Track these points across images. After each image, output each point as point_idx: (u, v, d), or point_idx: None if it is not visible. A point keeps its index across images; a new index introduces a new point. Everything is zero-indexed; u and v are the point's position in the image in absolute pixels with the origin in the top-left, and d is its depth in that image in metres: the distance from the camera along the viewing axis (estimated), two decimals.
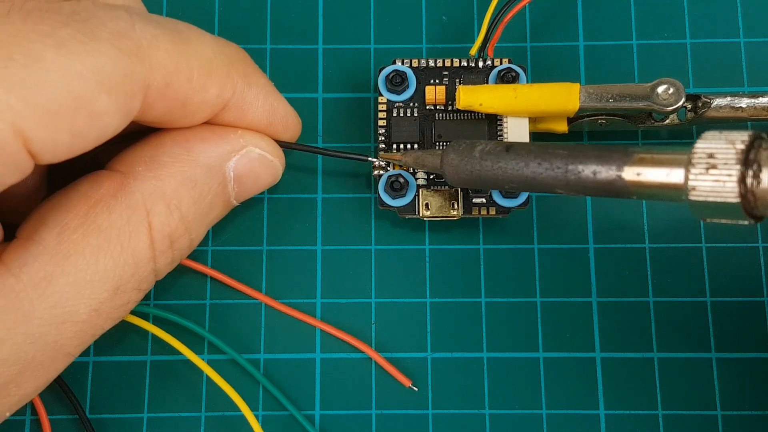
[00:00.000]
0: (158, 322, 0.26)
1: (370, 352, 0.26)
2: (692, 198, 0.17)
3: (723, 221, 0.17)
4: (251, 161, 0.23)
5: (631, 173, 0.18)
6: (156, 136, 0.22)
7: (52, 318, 0.20)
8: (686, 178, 0.17)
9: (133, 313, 0.25)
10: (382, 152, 0.26)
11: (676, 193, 0.18)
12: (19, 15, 0.18)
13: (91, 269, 0.20)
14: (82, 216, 0.20)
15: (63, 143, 0.18)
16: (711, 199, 0.17)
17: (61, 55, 0.17)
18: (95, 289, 0.20)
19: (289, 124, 0.24)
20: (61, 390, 0.25)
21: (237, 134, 0.23)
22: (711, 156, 0.17)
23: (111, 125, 0.19)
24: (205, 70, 0.21)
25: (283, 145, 0.25)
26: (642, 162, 0.18)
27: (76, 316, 0.20)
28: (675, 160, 0.18)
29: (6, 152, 0.17)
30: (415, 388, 0.26)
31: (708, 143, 0.17)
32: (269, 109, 0.23)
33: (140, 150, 0.22)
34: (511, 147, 0.21)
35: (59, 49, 0.17)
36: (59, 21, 0.18)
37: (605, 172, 0.19)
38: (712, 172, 0.17)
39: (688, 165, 0.17)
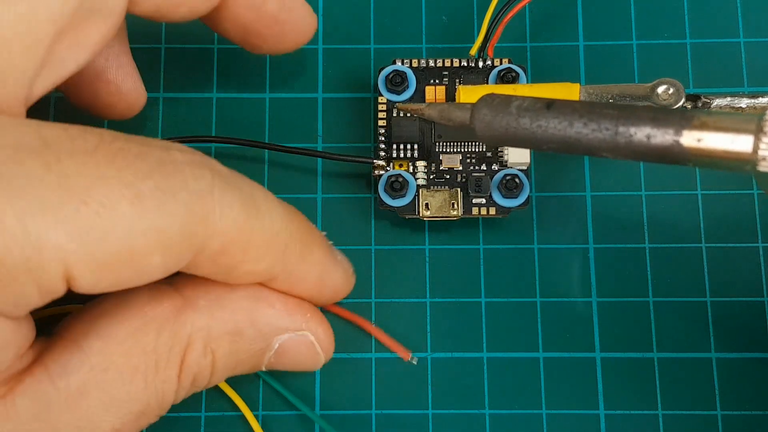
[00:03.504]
0: None
1: (369, 326, 0.25)
2: (761, 169, 0.16)
3: None
4: (300, 344, 0.22)
5: (690, 138, 0.17)
6: (233, 279, 0.21)
7: (75, 429, 0.19)
8: (756, 147, 0.16)
9: None
10: (401, 104, 0.25)
11: (741, 163, 0.16)
12: (105, 155, 0.17)
13: (125, 389, 0.19)
14: (132, 331, 0.20)
15: (103, 287, 0.17)
16: None
17: (135, 211, 0.17)
18: (122, 409, 0.20)
19: (339, 291, 0.24)
20: None
21: (305, 316, 0.22)
22: None
23: (151, 278, 0.18)
24: (264, 246, 0.20)
25: (284, 149, 0.25)
26: (704, 126, 0.17)
27: (99, 430, 0.20)
28: (742, 126, 0.16)
29: (48, 290, 0.17)
30: (414, 361, 0.25)
31: None
32: (320, 283, 0.22)
33: (212, 284, 0.21)
34: (553, 104, 0.19)
35: (135, 203, 0.17)
36: (143, 171, 0.17)
37: (661, 137, 0.17)
38: None
39: (758, 132, 0.16)
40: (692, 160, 0.17)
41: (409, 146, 0.26)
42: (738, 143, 0.16)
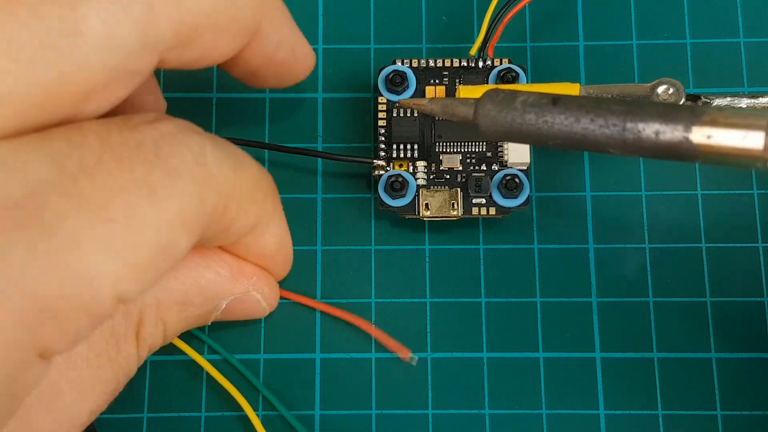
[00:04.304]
0: None
1: (368, 327, 0.25)
2: None
3: None
4: (246, 302, 0.24)
5: (700, 135, 0.16)
6: None
7: (60, 427, 0.20)
8: (767, 144, 0.16)
9: None
10: (403, 99, 0.25)
11: (752, 160, 0.16)
12: (112, 158, 0.17)
13: (94, 375, 0.20)
14: None
15: (146, 289, 0.17)
16: None
17: (154, 207, 0.17)
18: (96, 394, 0.21)
19: (288, 263, 0.25)
20: None
21: (251, 280, 0.23)
22: None
23: (180, 259, 0.18)
24: (250, 194, 0.20)
25: (284, 149, 0.25)
26: (714, 122, 0.16)
27: (78, 420, 0.20)
28: (753, 123, 0.16)
29: (101, 316, 0.17)
30: (414, 362, 0.26)
31: None
32: (279, 244, 0.23)
33: None
34: (559, 99, 0.19)
35: (152, 199, 0.17)
36: (148, 161, 0.17)
37: (670, 133, 0.17)
38: None
39: None
40: (701, 157, 0.17)
41: (409, 146, 0.26)
42: (749, 140, 0.16)
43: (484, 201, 0.26)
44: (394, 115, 0.26)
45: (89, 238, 0.16)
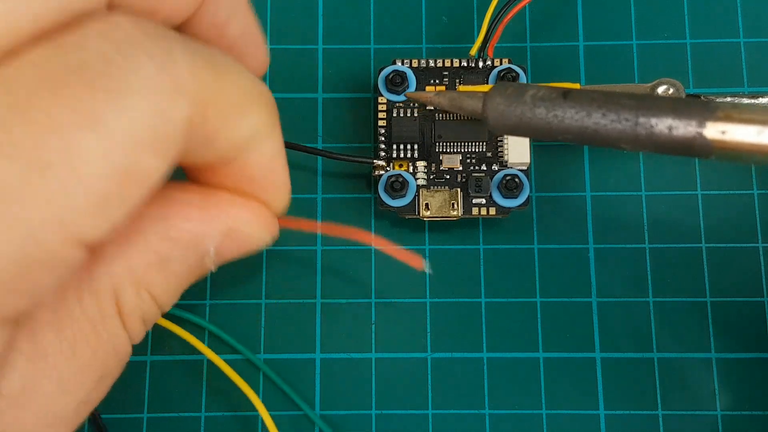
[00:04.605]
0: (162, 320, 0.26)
1: (373, 241, 0.23)
2: None
3: None
4: (236, 240, 0.21)
5: (714, 131, 0.16)
6: None
7: (42, 423, 0.18)
8: None
9: None
10: (409, 93, 0.24)
11: (766, 157, 0.16)
12: (48, 93, 0.15)
13: (73, 365, 0.18)
14: (52, 311, 0.18)
15: (116, 221, 0.16)
16: None
17: (99, 136, 0.15)
18: (80, 382, 0.19)
19: (283, 190, 0.21)
20: None
21: (228, 214, 0.20)
22: None
23: (160, 177, 0.16)
24: (237, 103, 0.18)
25: (286, 145, 0.24)
26: (728, 118, 0.16)
27: (65, 413, 0.19)
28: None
29: (66, 266, 0.15)
30: (428, 269, 0.25)
31: None
32: (271, 166, 0.20)
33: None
34: (569, 94, 0.19)
35: (95, 128, 0.15)
36: (91, 84, 0.15)
37: (683, 128, 0.17)
38: None
39: None
40: (715, 153, 0.17)
41: (409, 146, 0.26)
42: (764, 136, 0.16)
43: (484, 201, 0.26)
44: (394, 115, 0.26)
45: (26, 192, 0.14)
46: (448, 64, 0.26)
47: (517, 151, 0.26)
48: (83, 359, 0.19)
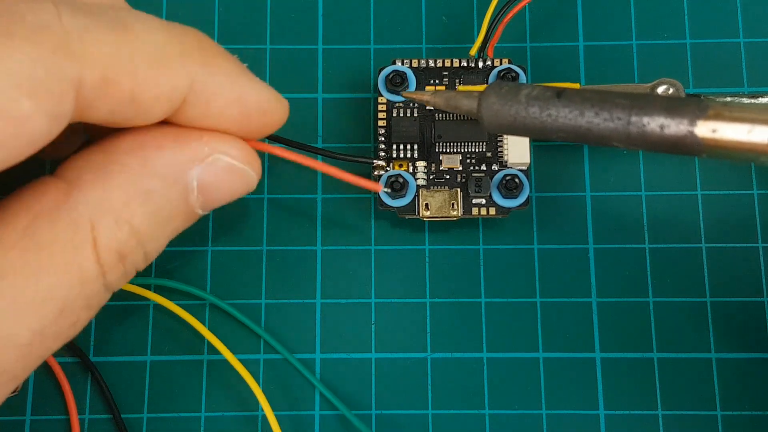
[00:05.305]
0: (162, 319, 0.26)
1: (317, 164, 0.23)
2: None
3: None
4: (218, 170, 0.21)
5: (705, 129, 0.17)
6: (109, 141, 0.20)
7: None
8: None
9: (137, 310, 0.25)
10: (405, 92, 0.25)
11: (757, 154, 0.16)
12: None
13: (31, 289, 0.18)
14: (21, 230, 0.18)
15: None
16: None
17: None
18: (37, 310, 0.18)
19: (268, 110, 0.21)
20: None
21: (201, 140, 0.20)
22: None
23: (39, 131, 0.17)
24: (154, 61, 0.18)
25: (281, 140, 0.24)
26: (719, 117, 0.16)
27: (18, 339, 0.18)
28: (759, 117, 0.16)
29: None
30: (386, 190, 0.25)
31: None
32: (238, 96, 0.20)
33: (91, 156, 0.20)
34: (563, 93, 0.19)
35: None
36: None
37: (674, 127, 0.17)
38: None
39: None
40: (706, 151, 0.17)
41: (409, 146, 0.26)
42: (754, 134, 0.16)
43: (484, 201, 0.26)
44: (394, 115, 0.26)
45: None
46: (448, 64, 0.26)
47: (517, 151, 0.26)
48: (44, 287, 0.18)
